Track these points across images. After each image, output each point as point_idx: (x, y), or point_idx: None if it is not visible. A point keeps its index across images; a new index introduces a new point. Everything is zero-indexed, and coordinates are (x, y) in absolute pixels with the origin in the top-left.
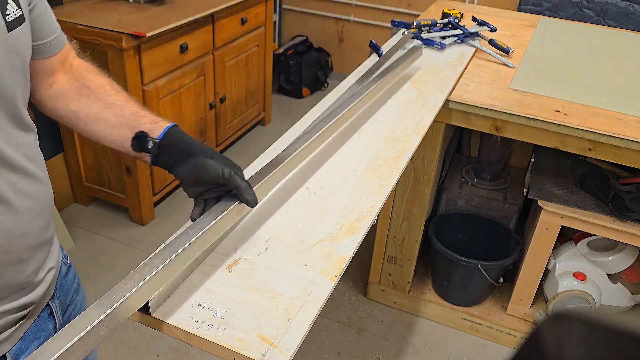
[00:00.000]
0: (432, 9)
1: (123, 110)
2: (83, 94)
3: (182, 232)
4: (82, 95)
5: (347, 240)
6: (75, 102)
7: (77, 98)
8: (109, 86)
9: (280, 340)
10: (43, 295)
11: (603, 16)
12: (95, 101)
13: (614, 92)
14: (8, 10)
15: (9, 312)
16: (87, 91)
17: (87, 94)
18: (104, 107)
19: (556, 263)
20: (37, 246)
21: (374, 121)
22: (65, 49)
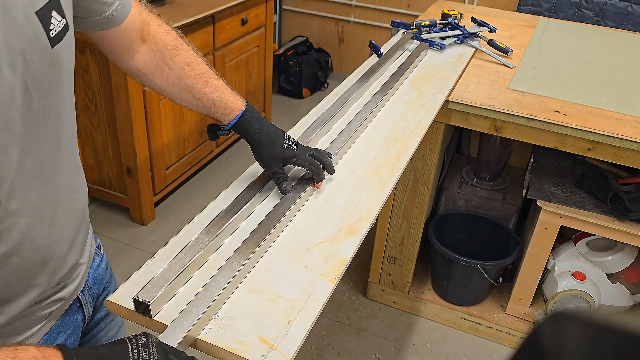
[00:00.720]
0: (431, 9)
1: (200, 95)
2: (164, 71)
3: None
4: (164, 72)
5: (347, 242)
6: (158, 79)
7: (159, 75)
8: (187, 67)
9: (280, 343)
10: (74, 291)
11: (602, 17)
12: (176, 82)
13: (613, 92)
14: (52, 25)
15: (39, 310)
16: (168, 70)
17: (168, 73)
18: (184, 89)
19: (555, 263)
20: (74, 249)
21: (373, 121)
22: (134, 16)
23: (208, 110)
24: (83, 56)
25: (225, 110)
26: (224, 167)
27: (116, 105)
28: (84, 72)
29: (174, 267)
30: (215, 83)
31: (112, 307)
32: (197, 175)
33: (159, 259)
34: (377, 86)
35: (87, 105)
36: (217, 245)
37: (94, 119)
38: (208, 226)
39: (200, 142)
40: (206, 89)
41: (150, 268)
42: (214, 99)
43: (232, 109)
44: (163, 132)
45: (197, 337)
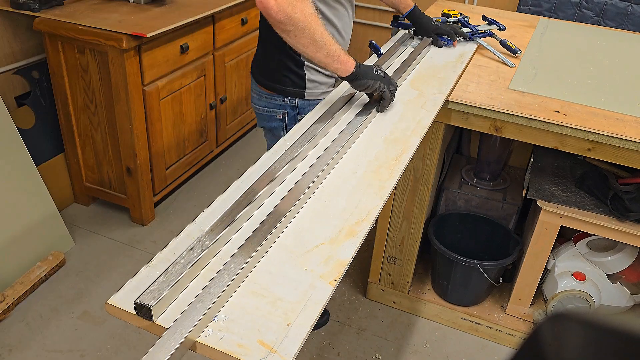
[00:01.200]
0: (431, 9)
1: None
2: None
3: None
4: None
5: (347, 244)
6: None
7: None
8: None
9: (280, 345)
10: None
11: (602, 16)
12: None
13: (613, 92)
14: None
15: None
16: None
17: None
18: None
19: (555, 263)
20: None
21: (373, 122)
22: None
23: (395, 5)
24: (83, 56)
25: (405, 6)
26: (224, 167)
27: (116, 105)
28: (84, 72)
29: (175, 270)
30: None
31: (112, 310)
32: (197, 175)
33: (159, 262)
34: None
35: (87, 105)
36: (218, 248)
37: (94, 119)
38: (208, 229)
39: (200, 142)
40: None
41: (150, 271)
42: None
43: (408, 5)
44: (163, 132)
45: (196, 340)
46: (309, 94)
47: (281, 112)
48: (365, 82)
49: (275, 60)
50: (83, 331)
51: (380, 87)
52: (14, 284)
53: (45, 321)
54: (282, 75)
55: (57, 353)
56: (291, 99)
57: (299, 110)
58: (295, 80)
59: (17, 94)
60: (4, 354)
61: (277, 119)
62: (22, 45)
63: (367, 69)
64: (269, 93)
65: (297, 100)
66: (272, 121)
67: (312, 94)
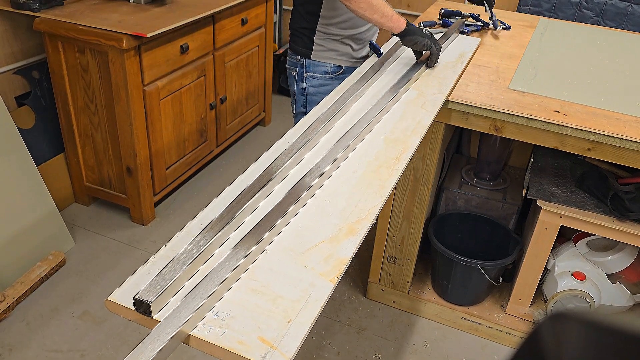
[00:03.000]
0: (431, 9)
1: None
2: None
3: None
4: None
5: (347, 242)
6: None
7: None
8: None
9: (280, 342)
10: None
11: (602, 17)
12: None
13: (613, 92)
14: None
15: None
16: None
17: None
18: None
19: (555, 263)
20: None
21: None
22: None
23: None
24: (83, 56)
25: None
26: (224, 167)
27: (116, 105)
28: (84, 72)
29: (174, 267)
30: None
31: (112, 306)
32: (197, 175)
33: (159, 259)
34: (378, 86)
35: (87, 105)
36: (217, 245)
37: (94, 119)
38: (208, 226)
39: (201, 142)
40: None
41: (150, 268)
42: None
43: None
44: (163, 132)
45: (190, 333)
46: (315, 55)
47: (294, 69)
48: (415, 38)
49: (297, 23)
50: (83, 331)
51: (427, 44)
52: (14, 283)
53: (45, 321)
54: (297, 37)
55: (57, 353)
56: (301, 58)
57: (306, 68)
58: (305, 41)
59: (17, 94)
60: (4, 354)
61: (292, 76)
62: (22, 45)
63: (417, 28)
64: (290, 52)
65: (305, 59)
66: (290, 78)
67: (318, 56)
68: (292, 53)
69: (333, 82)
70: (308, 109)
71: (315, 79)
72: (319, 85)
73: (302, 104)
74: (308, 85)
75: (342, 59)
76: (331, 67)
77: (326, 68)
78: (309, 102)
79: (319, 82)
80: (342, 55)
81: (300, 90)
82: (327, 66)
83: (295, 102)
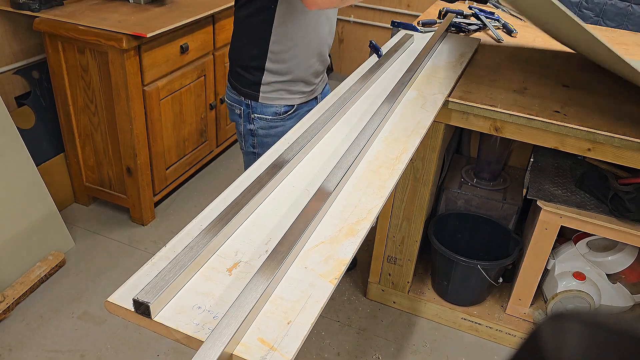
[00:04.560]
0: (431, 9)
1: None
2: None
3: None
4: None
5: (347, 243)
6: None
7: None
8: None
9: (280, 344)
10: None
11: (602, 17)
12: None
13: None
14: None
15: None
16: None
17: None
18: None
19: (555, 263)
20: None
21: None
22: None
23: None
24: (83, 56)
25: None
26: (224, 167)
27: (116, 105)
28: (84, 72)
29: (174, 268)
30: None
31: (111, 307)
32: (197, 175)
33: (158, 260)
34: (378, 86)
35: (87, 105)
36: (217, 246)
37: (94, 119)
38: (208, 226)
39: (201, 142)
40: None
41: (150, 269)
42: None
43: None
44: (163, 132)
45: (232, 353)
46: (262, 97)
47: (238, 107)
48: None
49: (239, 58)
50: (83, 331)
51: None
52: (14, 284)
53: (45, 321)
54: (239, 75)
55: (57, 353)
56: (245, 98)
57: (252, 109)
58: (250, 80)
59: (17, 94)
60: (4, 354)
61: (236, 114)
62: (22, 45)
63: None
64: (230, 87)
65: (250, 100)
66: (233, 115)
67: (266, 98)
68: (232, 88)
69: (285, 123)
70: (260, 150)
71: (264, 120)
72: (269, 128)
73: (251, 145)
74: (256, 126)
75: (294, 97)
76: (282, 107)
77: (276, 109)
78: (260, 143)
79: (268, 124)
80: (293, 94)
81: (249, 131)
82: (277, 107)
83: (243, 140)
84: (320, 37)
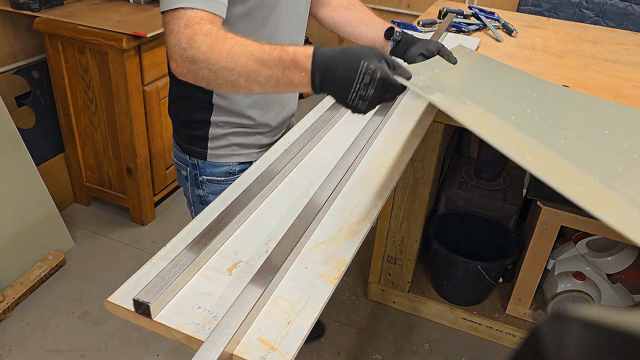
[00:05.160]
0: (431, 9)
1: (376, 19)
2: (350, 8)
3: None
4: (350, 9)
5: (347, 243)
6: (346, 12)
7: (347, 10)
8: (363, 5)
9: (280, 344)
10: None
11: (602, 16)
12: (359, 12)
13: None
14: None
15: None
16: (352, 7)
17: (352, 8)
18: (365, 16)
19: (555, 263)
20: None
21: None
22: None
23: (382, 27)
24: (83, 56)
25: (394, 27)
26: None
27: (116, 105)
28: (84, 72)
29: (174, 268)
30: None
31: (111, 307)
32: None
33: (158, 260)
34: None
35: (87, 105)
36: (217, 246)
37: (94, 119)
38: (208, 227)
39: None
40: (376, 18)
41: (150, 269)
42: (384, 21)
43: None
44: (163, 132)
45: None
46: (211, 155)
47: (184, 168)
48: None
49: (179, 112)
50: (83, 331)
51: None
52: (14, 284)
53: (45, 321)
54: (182, 130)
55: (57, 353)
56: (191, 157)
57: (200, 170)
58: (195, 136)
59: (17, 94)
60: (4, 354)
61: (182, 175)
62: (22, 45)
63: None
64: (174, 142)
65: (197, 159)
66: (180, 177)
67: (216, 156)
68: (176, 144)
69: None
70: None
71: (216, 183)
72: (221, 192)
73: None
74: (207, 192)
75: (250, 152)
76: (236, 166)
77: (229, 168)
78: None
79: (221, 187)
80: (249, 149)
81: (197, 198)
82: (230, 165)
83: (192, 209)
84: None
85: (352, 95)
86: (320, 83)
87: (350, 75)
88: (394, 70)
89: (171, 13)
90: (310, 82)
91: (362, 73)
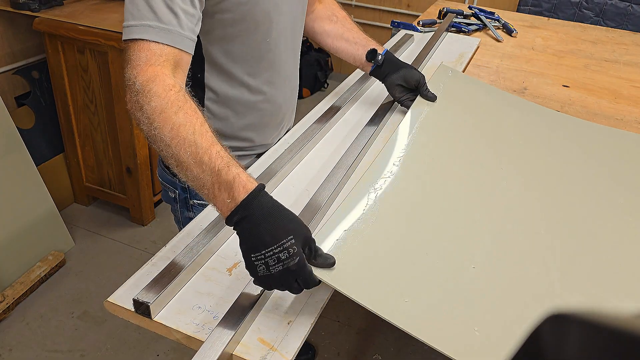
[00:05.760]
0: (431, 9)
1: (358, 35)
2: (332, 20)
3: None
4: (332, 21)
5: None
6: (328, 24)
7: (329, 22)
8: (348, 19)
9: (280, 344)
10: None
11: (602, 17)
12: (340, 26)
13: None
14: None
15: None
16: (335, 19)
17: (335, 21)
18: (346, 30)
19: None
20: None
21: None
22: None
23: (364, 45)
24: (83, 56)
25: (378, 45)
26: None
27: (116, 105)
28: (84, 72)
29: (174, 268)
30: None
31: (111, 307)
32: None
33: (158, 260)
34: (378, 86)
35: (87, 105)
36: (217, 246)
37: (94, 119)
38: (208, 226)
39: None
40: (360, 33)
41: (150, 269)
42: (367, 38)
43: (381, 46)
44: None
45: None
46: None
47: (173, 190)
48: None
49: None
50: (83, 331)
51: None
52: (14, 284)
53: (45, 321)
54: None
55: (57, 353)
56: (180, 180)
57: (190, 193)
58: None
59: (17, 94)
60: (4, 354)
61: (171, 197)
62: (22, 45)
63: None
64: (160, 162)
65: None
66: (169, 199)
67: None
68: (164, 166)
69: None
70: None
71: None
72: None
73: None
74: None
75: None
76: None
77: None
78: None
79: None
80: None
81: (188, 220)
82: None
83: (182, 227)
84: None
85: (260, 256)
86: (237, 221)
87: (269, 240)
88: (315, 259)
89: (133, 43)
90: (229, 213)
91: (281, 246)
